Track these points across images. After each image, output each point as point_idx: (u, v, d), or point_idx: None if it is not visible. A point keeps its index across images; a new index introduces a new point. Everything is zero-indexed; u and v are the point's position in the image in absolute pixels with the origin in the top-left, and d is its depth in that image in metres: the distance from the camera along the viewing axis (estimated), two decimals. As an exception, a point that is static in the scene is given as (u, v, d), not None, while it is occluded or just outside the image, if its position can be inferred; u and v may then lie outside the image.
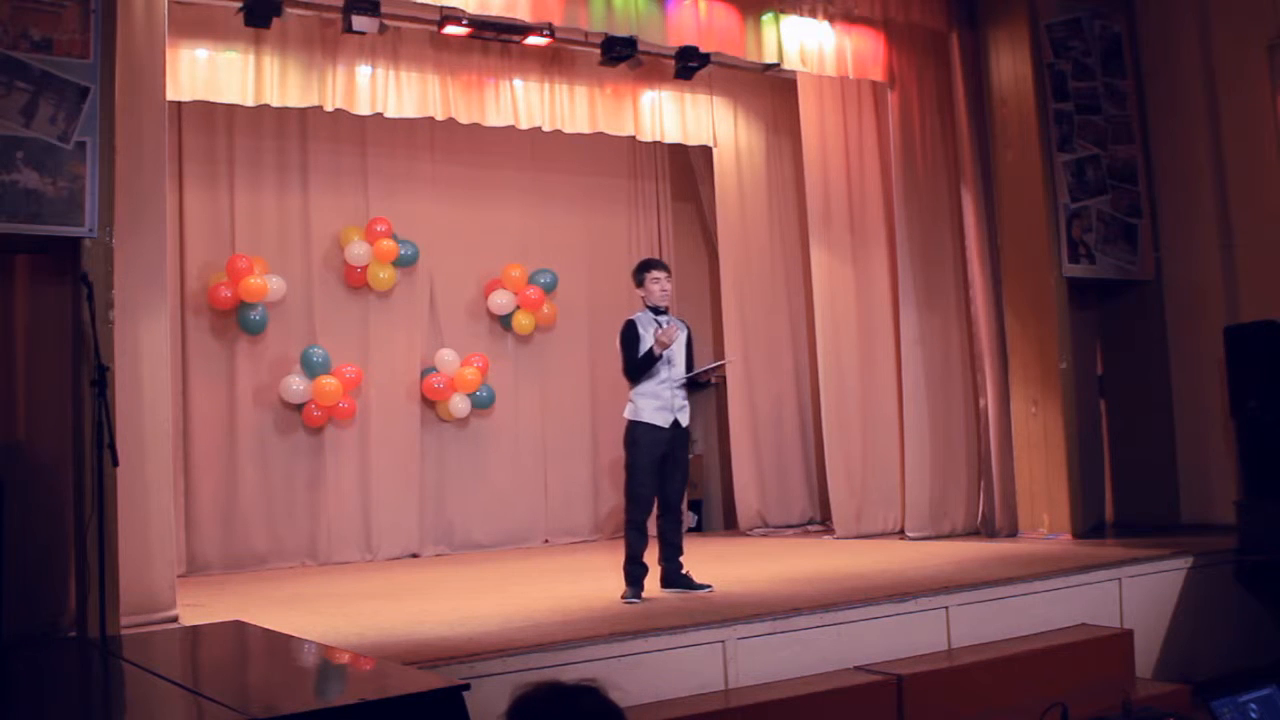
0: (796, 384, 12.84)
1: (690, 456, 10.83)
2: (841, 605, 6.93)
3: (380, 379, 11.55)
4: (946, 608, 7.24)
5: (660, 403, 7.72)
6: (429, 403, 11.80)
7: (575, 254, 12.72)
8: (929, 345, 10.91)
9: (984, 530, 10.65)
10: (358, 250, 11.36)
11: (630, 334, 7.79)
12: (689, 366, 7.91)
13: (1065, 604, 7.83)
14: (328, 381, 11.01)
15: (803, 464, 12.79)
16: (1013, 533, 10.50)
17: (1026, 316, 10.53)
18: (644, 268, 7.96)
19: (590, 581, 8.66)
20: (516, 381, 12.35)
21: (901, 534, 11.00)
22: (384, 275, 11.46)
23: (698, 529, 13.28)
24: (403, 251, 11.55)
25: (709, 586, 7.77)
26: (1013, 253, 10.66)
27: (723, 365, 8.29)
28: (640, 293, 7.94)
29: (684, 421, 7.82)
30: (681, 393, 7.81)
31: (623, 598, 7.52)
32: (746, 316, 12.75)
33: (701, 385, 8.26)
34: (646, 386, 7.73)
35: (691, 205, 13.64)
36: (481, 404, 11.97)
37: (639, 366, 7.73)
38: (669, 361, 7.76)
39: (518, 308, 12.22)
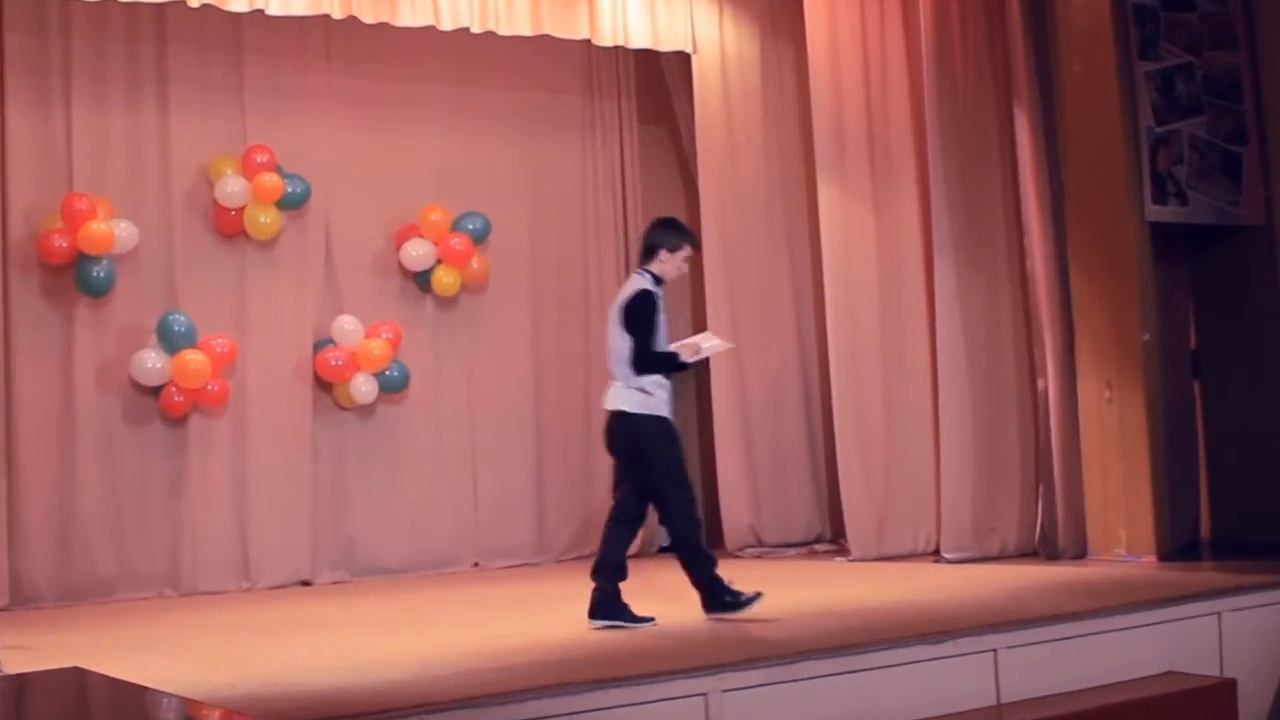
0: (800, 361, 12.82)
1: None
2: (859, 648, 6.95)
3: (261, 354, 11.59)
4: (995, 651, 7.26)
5: (667, 393, 8.09)
6: (324, 385, 11.83)
7: (513, 192, 12.72)
8: (972, 310, 11.05)
9: (1043, 550, 10.77)
10: (231, 188, 11.32)
11: (650, 309, 8.03)
12: None
13: (1148, 646, 7.85)
14: (193, 357, 11.00)
15: (808, 464, 12.76)
16: (1080, 553, 10.64)
17: (1098, 273, 10.63)
18: (681, 235, 8.20)
19: (533, 616, 8.70)
20: (438, 357, 12.39)
21: (936, 555, 11.16)
22: (265, 220, 11.47)
23: (670, 547, 13.08)
24: (290, 189, 11.53)
25: (651, 619, 7.97)
26: (1080, 191, 10.75)
27: (720, 348, 8.78)
28: (661, 257, 8.12)
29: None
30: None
31: (743, 604, 7.89)
32: (734, 274, 12.69)
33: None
34: (660, 376, 8.06)
35: (663, 129, 13.71)
36: (392, 386, 11.98)
37: (657, 364, 8.01)
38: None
39: (439, 262, 12.21)
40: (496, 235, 12.56)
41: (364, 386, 11.84)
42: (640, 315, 7.99)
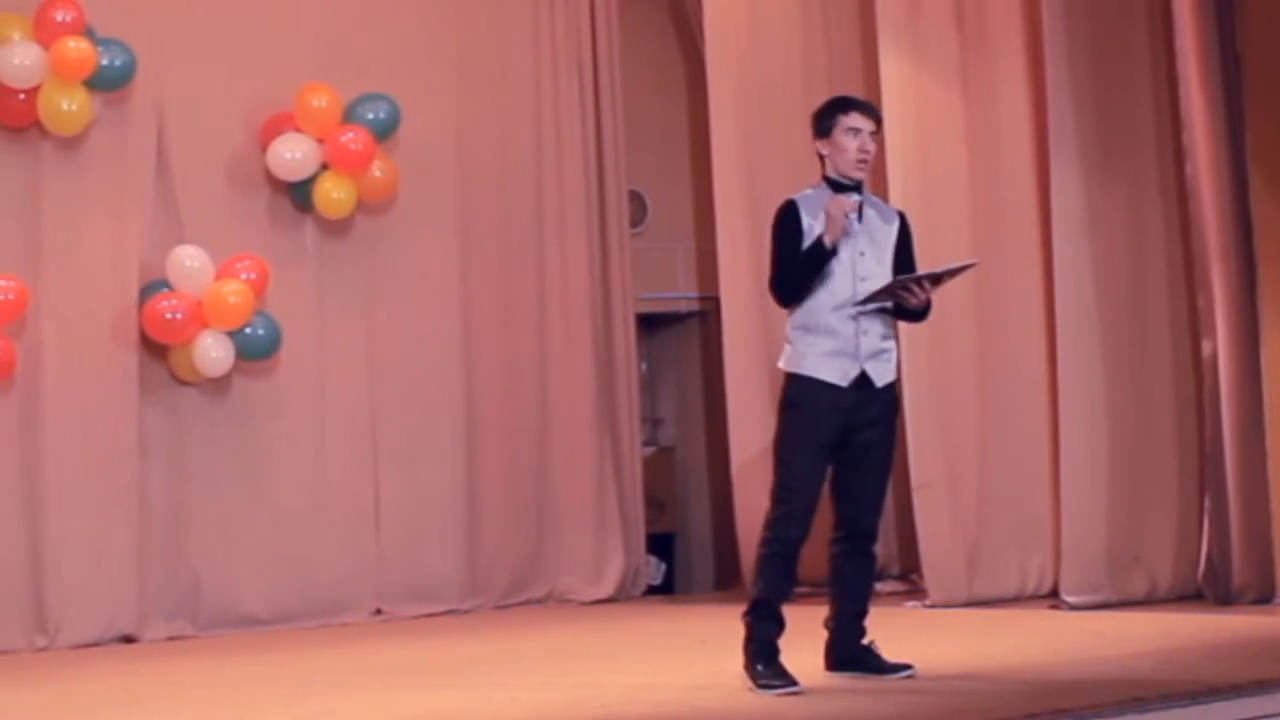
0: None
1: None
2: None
3: (63, 304, 11.45)
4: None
5: (836, 343, 7.91)
6: (155, 349, 11.66)
7: (433, 67, 12.76)
8: (1106, 241, 10.97)
9: (1211, 591, 10.68)
10: (20, 59, 11.21)
11: (789, 222, 7.97)
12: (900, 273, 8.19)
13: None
14: (-43, 308, 10.94)
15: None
16: (1266, 595, 10.60)
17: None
18: (828, 110, 8.10)
19: (467, 690, 8.50)
20: (323, 310, 12.34)
21: (1054, 599, 11.17)
22: (70, 106, 11.28)
23: (666, 588, 13.81)
24: (107, 61, 11.35)
25: (909, 668, 8.08)
26: (1267, 65, 10.75)
27: (964, 268, 8.63)
28: (822, 150, 8.05)
29: (880, 377, 7.99)
30: (879, 325, 8.02)
31: (754, 686, 7.73)
32: (757, 188, 12.58)
33: (913, 315, 8.31)
34: (813, 314, 7.93)
35: (654, -22, 14.05)
36: (255, 351, 11.77)
37: (789, 275, 7.96)
38: (851, 267, 7.94)
39: (324, 168, 12.03)
40: (408, 130, 12.40)
41: (214, 351, 11.58)
42: (776, 231, 7.98)
